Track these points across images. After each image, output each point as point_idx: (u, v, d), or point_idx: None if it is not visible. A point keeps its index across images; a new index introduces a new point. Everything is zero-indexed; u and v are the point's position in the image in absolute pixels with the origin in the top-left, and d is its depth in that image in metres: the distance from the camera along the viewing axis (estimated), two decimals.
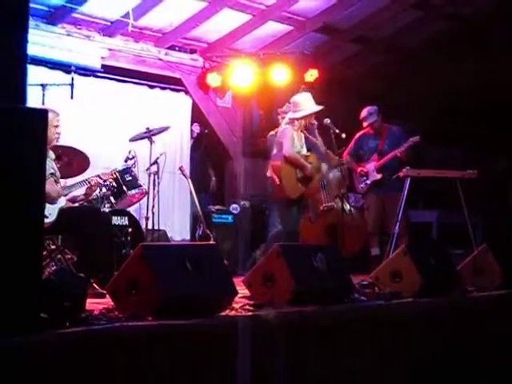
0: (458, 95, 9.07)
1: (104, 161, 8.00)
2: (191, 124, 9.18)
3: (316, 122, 7.67)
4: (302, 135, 7.03)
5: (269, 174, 6.91)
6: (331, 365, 4.18)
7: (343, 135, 7.33)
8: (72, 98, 6.96)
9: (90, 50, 8.01)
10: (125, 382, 3.19)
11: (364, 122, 8.10)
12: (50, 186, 5.13)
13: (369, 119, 8.05)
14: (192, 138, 9.17)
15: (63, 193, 5.49)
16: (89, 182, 5.77)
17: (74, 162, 6.32)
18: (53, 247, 5.80)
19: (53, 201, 5.24)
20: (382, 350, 4.51)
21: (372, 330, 4.48)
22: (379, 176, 7.96)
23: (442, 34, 9.32)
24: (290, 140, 6.75)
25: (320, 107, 6.96)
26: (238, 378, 3.60)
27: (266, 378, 3.79)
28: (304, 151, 6.98)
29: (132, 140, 7.20)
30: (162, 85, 8.93)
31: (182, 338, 3.45)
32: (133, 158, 7.01)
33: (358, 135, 8.19)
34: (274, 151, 6.95)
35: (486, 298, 5.53)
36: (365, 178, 8.06)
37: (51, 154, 5.48)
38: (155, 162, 7.20)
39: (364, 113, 8.09)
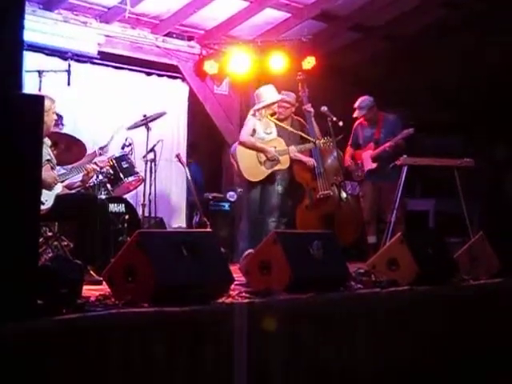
0: (456, 83, 9.05)
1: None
2: (188, 111, 9.16)
3: (313, 110, 7.68)
4: (271, 123, 7.13)
5: (232, 160, 7.20)
6: (327, 352, 4.19)
7: (340, 123, 7.33)
8: (69, 84, 6.95)
9: (86, 37, 7.96)
10: (121, 369, 3.19)
11: (358, 112, 8.06)
12: (46, 173, 5.12)
13: (361, 111, 8.00)
14: None
15: (59, 179, 5.48)
16: (85, 169, 5.75)
17: (71, 149, 6.30)
18: (49, 234, 5.80)
19: (48, 187, 5.23)
20: (378, 337, 4.52)
21: (368, 317, 4.48)
22: (374, 165, 7.94)
23: (440, 22, 9.29)
24: (249, 128, 7.05)
25: (280, 97, 7.17)
26: (235, 365, 3.61)
27: (263, 365, 3.80)
28: (269, 137, 7.06)
29: (130, 128, 7.19)
30: (158, 72, 8.90)
31: (178, 325, 3.46)
32: (129, 145, 7.01)
33: (355, 124, 8.18)
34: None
35: (482, 286, 5.53)
36: (360, 165, 8.05)
37: (47, 141, 5.47)
38: (152, 150, 7.19)
39: (357, 104, 8.04)
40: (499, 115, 8.96)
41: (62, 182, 5.56)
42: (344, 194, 7.72)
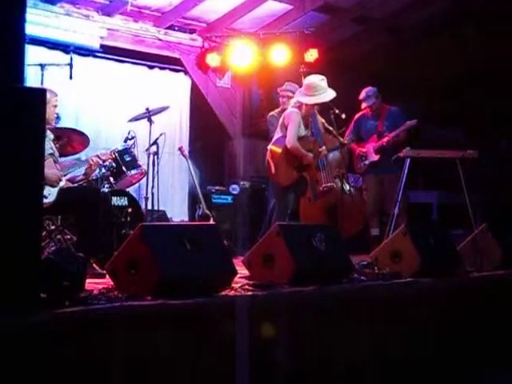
0: (459, 75, 9.03)
1: (103, 141, 8.01)
2: (190, 104, 9.17)
3: None
4: (309, 118, 7.03)
5: (267, 157, 6.95)
6: (330, 344, 4.19)
7: (343, 115, 7.30)
8: (71, 78, 6.94)
9: (88, 30, 7.96)
10: (124, 362, 3.20)
11: (362, 104, 8.07)
12: (50, 170, 5.13)
13: (367, 101, 8.01)
14: None
15: (63, 174, 5.48)
16: (88, 162, 5.75)
17: (74, 140, 6.33)
18: (52, 227, 5.81)
19: (51, 185, 5.23)
20: (381, 329, 4.52)
21: (371, 309, 4.48)
22: (377, 157, 7.95)
23: (443, 13, 9.26)
24: (296, 127, 6.68)
25: (333, 95, 6.84)
26: (237, 357, 3.61)
27: (265, 357, 3.81)
28: (309, 134, 6.98)
29: (131, 121, 7.18)
30: (161, 65, 8.90)
31: (181, 318, 3.46)
32: (132, 138, 7.00)
33: (357, 116, 8.16)
34: (279, 134, 6.91)
35: (485, 278, 5.53)
36: (364, 158, 8.05)
37: (50, 135, 5.47)
38: (155, 143, 7.19)
39: (362, 94, 8.04)
40: (502, 106, 8.94)
41: (65, 175, 5.56)
42: (347, 187, 7.69)
